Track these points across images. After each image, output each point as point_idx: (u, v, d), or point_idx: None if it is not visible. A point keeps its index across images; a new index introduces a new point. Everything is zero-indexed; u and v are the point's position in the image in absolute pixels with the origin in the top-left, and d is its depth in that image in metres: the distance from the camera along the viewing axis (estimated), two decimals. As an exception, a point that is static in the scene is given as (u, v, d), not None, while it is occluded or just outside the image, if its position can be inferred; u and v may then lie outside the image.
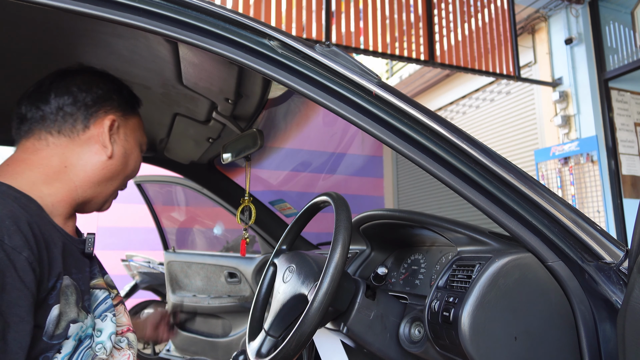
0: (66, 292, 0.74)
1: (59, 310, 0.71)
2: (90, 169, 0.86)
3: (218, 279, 2.54)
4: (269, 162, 3.27)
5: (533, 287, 0.78)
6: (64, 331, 0.72)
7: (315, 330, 0.82)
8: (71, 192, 0.84)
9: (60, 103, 0.85)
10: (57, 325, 0.71)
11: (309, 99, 0.77)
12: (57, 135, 0.84)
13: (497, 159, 0.80)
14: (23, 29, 0.92)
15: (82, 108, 0.86)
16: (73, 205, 0.85)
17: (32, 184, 0.79)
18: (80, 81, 0.88)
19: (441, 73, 6.55)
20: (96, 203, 0.91)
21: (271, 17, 3.78)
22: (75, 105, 0.85)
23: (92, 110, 0.86)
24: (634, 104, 5.09)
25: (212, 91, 1.25)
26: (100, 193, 0.90)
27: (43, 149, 0.83)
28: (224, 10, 0.75)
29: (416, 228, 1.13)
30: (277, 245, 1.18)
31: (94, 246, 0.88)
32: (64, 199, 0.83)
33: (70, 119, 0.85)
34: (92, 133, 0.86)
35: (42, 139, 0.84)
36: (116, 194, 0.97)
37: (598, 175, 4.73)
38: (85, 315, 0.78)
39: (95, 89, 0.88)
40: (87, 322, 0.78)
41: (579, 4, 5.03)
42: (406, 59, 4.46)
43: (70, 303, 0.75)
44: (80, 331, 0.76)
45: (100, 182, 0.88)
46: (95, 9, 0.68)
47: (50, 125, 0.84)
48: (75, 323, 0.75)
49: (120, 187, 0.95)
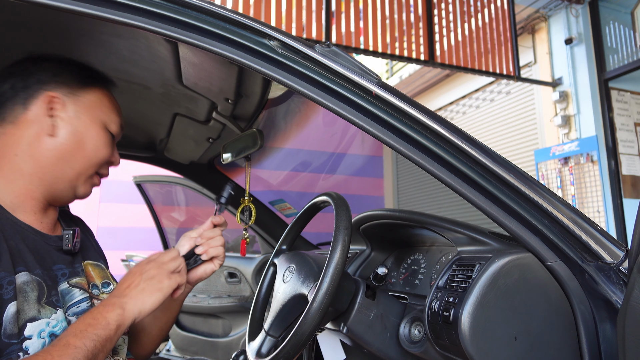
0: (24, 289, 0.71)
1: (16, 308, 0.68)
2: (37, 152, 0.81)
3: (218, 279, 2.54)
4: (269, 162, 3.27)
5: (533, 287, 0.78)
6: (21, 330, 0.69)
7: (315, 330, 0.82)
8: (28, 184, 0.80)
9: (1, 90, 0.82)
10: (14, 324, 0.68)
11: (309, 99, 0.77)
12: (2, 124, 0.81)
13: (497, 159, 0.80)
14: (23, 29, 0.92)
15: (20, 90, 0.82)
16: (36, 197, 0.81)
17: None
18: (24, 66, 0.85)
19: (441, 73, 6.55)
20: (62, 191, 0.85)
21: (271, 17, 3.78)
22: (14, 89, 0.82)
23: (30, 91, 0.83)
24: (634, 104, 5.09)
25: (212, 91, 1.25)
26: (59, 179, 0.84)
27: None
28: (224, 10, 0.75)
29: (416, 228, 1.13)
30: (277, 245, 1.17)
31: (73, 242, 0.84)
32: (21, 192, 0.80)
33: (9, 103, 0.82)
34: (32, 114, 0.82)
35: None
36: (94, 179, 0.91)
37: (598, 175, 4.73)
38: (53, 311, 0.75)
39: (38, 71, 0.84)
40: (56, 316, 0.75)
41: (579, 4, 5.03)
42: (406, 59, 4.46)
43: (30, 300, 0.71)
44: (49, 327, 0.73)
45: (52, 165, 0.82)
46: (95, 9, 0.68)
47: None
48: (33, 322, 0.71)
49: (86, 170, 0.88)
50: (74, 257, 0.87)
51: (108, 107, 0.92)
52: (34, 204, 0.81)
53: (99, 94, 0.91)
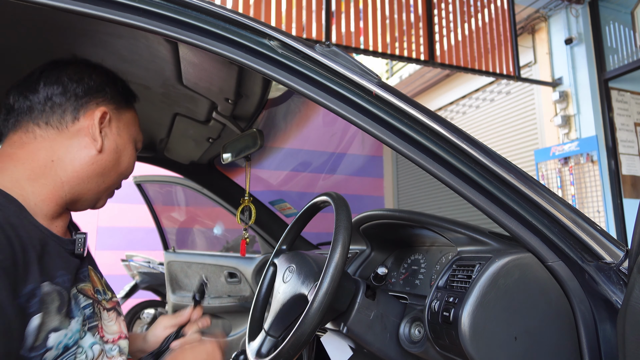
0: (46, 301, 0.69)
1: (40, 320, 0.67)
2: (78, 164, 0.81)
3: (218, 279, 2.53)
4: (269, 162, 3.27)
5: (533, 287, 0.78)
6: (43, 342, 0.68)
7: (315, 330, 0.82)
8: (57, 189, 0.79)
9: (49, 93, 0.80)
10: (36, 336, 0.66)
11: (309, 99, 0.77)
12: (45, 127, 0.80)
13: (497, 159, 0.80)
14: (23, 29, 0.92)
15: (71, 99, 0.81)
16: (60, 203, 0.80)
17: (16, 181, 0.75)
18: (72, 71, 0.83)
19: (441, 73, 6.55)
20: (86, 201, 0.86)
21: (271, 17, 3.78)
22: (65, 96, 0.81)
23: (82, 101, 0.82)
24: (634, 104, 5.09)
25: (212, 91, 1.25)
26: (90, 190, 0.84)
27: (30, 142, 0.79)
28: (224, 10, 0.75)
29: (416, 228, 1.13)
30: (277, 245, 1.17)
31: (84, 246, 0.83)
32: (48, 196, 0.78)
33: (58, 109, 0.80)
34: (81, 125, 0.81)
35: (29, 131, 0.79)
36: (111, 193, 0.92)
37: (598, 175, 4.73)
38: (69, 322, 0.74)
39: (87, 79, 0.84)
40: (71, 328, 0.74)
41: (579, 4, 5.03)
42: (406, 59, 4.46)
43: (51, 312, 0.70)
44: (65, 339, 0.72)
45: (89, 178, 0.83)
46: (95, 9, 0.68)
47: (38, 117, 0.80)
48: (56, 332, 0.70)
49: (114, 185, 0.90)
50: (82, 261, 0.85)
51: (138, 125, 0.95)
52: (54, 208, 0.79)
53: (134, 113, 0.94)
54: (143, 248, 5.02)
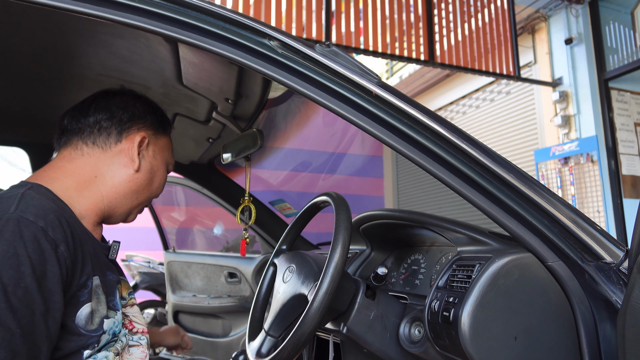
0: (97, 292, 0.81)
1: (90, 308, 0.78)
2: (117, 180, 0.92)
3: (218, 279, 2.53)
4: (269, 162, 3.26)
5: (533, 287, 0.78)
6: (99, 326, 0.79)
7: (315, 330, 0.82)
8: (98, 202, 0.90)
9: (98, 117, 0.92)
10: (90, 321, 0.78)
11: (309, 99, 0.77)
12: (92, 146, 0.91)
13: (497, 159, 0.80)
14: (23, 29, 0.92)
15: (117, 123, 0.93)
16: (99, 214, 0.91)
17: (65, 190, 0.85)
18: (119, 100, 0.95)
19: (441, 73, 6.55)
20: (120, 215, 0.96)
21: (271, 17, 3.78)
22: (112, 121, 0.93)
23: (125, 126, 0.94)
24: (634, 104, 5.09)
25: (212, 91, 1.25)
26: (124, 205, 0.95)
27: (78, 158, 0.91)
28: (224, 10, 0.75)
29: (416, 228, 1.13)
30: (277, 245, 1.18)
31: (117, 253, 0.95)
32: (91, 207, 0.89)
33: (105, 132, 0.92)
34: (123, 147, 0.93)
35: (78, 148, 0.91)
36: (141, 209, 1.03)
37: (598, 175, 4.73)
38: (115, 313, 0.85)
39: (132, 108, 0.95)
40: (117, 317, 0.85)
41: (579, 4, 5.03)
42: (406, 59, 4.46)
43: (102, 301, 0.81)
44: (114, 326, 0.83)
45: (125, 194, 0.94)
46: (95, 9, 0.68)
47: (87, 137, 0.92)
48: (108, 319, 0.81)
49: (145, 202, 1.00)
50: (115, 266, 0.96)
51: (172, 150, 1.06)
52: (95, 218, 0.90)
53: (169, 139, 1.05)
54: (143, 248, 5.02)
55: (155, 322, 4.17)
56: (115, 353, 0.83)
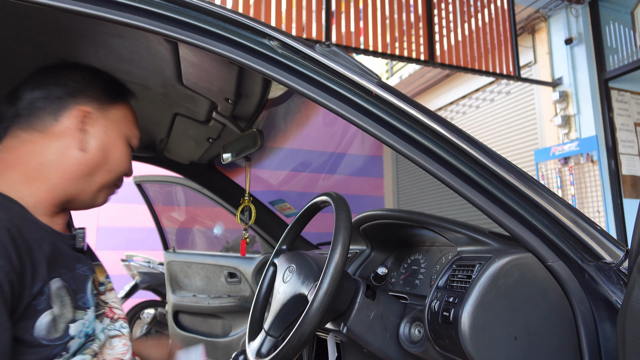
0: (60, 294, 0.73)
1: (52, 315, 0.70)
2: (66, 164, 0.82)
3: (218, 279, 2.53)
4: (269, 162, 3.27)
5: (533, 287, 0.78)
6: (64, 333, 0.72)
7: (315, 330, 0.82)
8: (51, 191, 0.81)
9: (32, 98, 0.82)
10: (53, 329, 0.70)
11: (309, 99, 0.77)
12: (31, 131, 0.81)
13: (497, 159, 0.80)
14: (23, 29, 0.92)
15: (52, 101, 0.82)
16: (56, 203, 0.82)
17: (12, 185, 0.77)
18: (54, 75, 0.85)
19: (441, 73, 6.55)
20: (83, 200, 0.87)
21: (271, 17, 3.78)
22: (47, 99, 0.82)
23: (62, 102, 0.83)
24: (634, 104, 5.09)
25: (212, 91, 1.25)
26: (84, 190, 0.85)
27: (18, 147, 0.81)
28: (224, 10, 0.74)
29: (416, 228, 1.13)
30: (277, 245, 1.17)
31: (84, 240, 0.85)
32: (45, 197, 0.80)
33: (40, 112, 0.82)
34: (63, 126, 0.82)
35: (17, 136, 0.81)
36: (111, 190, 0.93)
37: (598, 175, 4.73)
38: (85, 312, 0.78)
39: (70, 82, 0.85)
40: (87, 317, 0.78)
41: (579, 4, 5.03)
42: (406, 59, 4.46)
43: (66, 304, 0.74)
44: (84, 327, 0.76)
45: (78, 178, 0.83)
46: (95, 9, 0.68)
47: (24, 122, 0.81)
48: (75, 322, 0.74)
49: (108, 182, 0.89)
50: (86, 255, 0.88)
51: (131, 121, 0.94)
52: (51, 208, 0.82)
53: (125, 109, 0.93)
54: (143, 248, 5.02)
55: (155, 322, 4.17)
56: (93, 355, 0.77)
